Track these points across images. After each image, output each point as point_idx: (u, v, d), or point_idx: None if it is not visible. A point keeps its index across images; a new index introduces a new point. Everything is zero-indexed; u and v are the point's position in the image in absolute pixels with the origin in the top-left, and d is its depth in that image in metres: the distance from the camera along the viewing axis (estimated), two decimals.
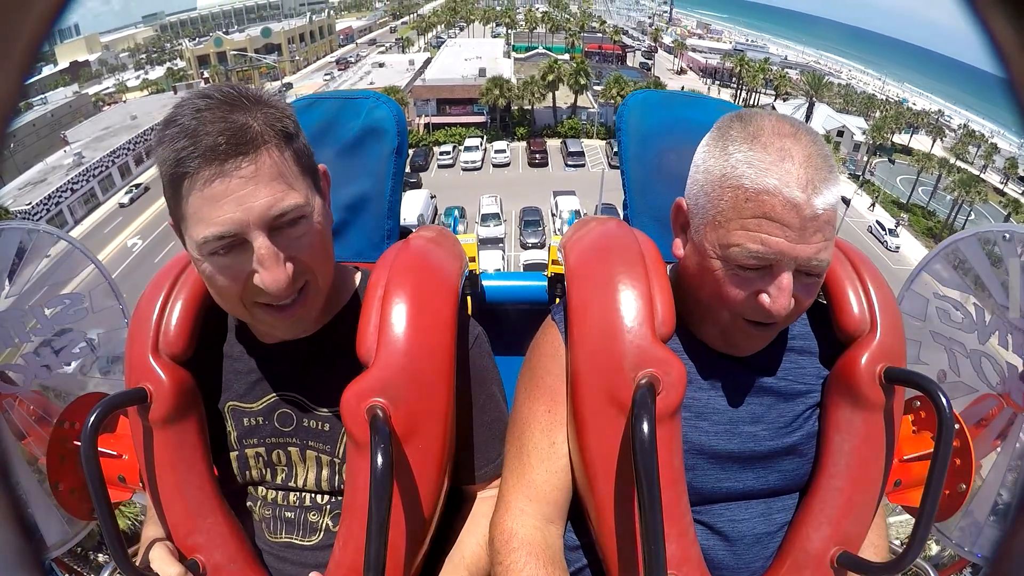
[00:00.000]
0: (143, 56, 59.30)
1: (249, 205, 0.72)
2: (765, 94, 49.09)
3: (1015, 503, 1.13)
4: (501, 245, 27.55)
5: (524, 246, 28.18)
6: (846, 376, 0.87)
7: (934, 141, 41.53)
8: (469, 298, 1.66)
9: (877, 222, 33.39)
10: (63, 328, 1.34)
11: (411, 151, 39.32)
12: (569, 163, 38.32)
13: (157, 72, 56.33)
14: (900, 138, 45.18)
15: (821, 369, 0.94)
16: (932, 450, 0.82)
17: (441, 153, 39.36)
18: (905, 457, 1.09)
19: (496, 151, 39.34)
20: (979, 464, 1.15)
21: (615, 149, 1.22)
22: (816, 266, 0.77)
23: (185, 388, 0.89)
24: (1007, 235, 1.23)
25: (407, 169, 1.34)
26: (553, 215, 30.65)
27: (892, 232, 32.36)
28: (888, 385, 0.86)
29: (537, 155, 38.78)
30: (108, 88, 51.65)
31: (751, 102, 50.21)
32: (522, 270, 24.55)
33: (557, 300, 1.69)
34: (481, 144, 40.09)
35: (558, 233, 28.77)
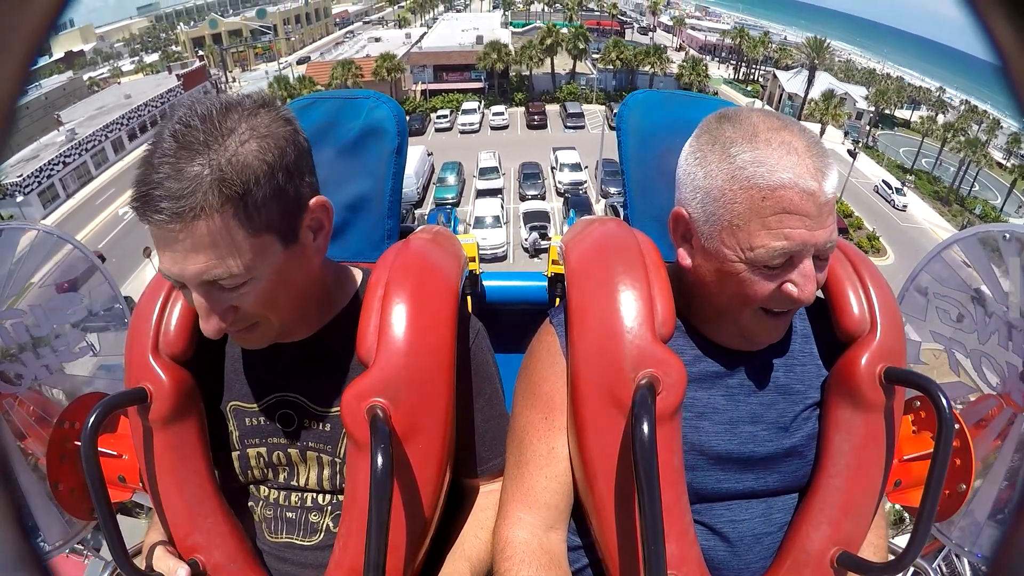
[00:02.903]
0: (138, 45, 58.56)
1: (183, 266, 0.73)
2: (763, 71, 48.59)
3: (1015, 503, 1.13)
4: (500, 195, 27.14)
5: (523, 198, 27.63)
6: (846, 376, 0.87)
7: (937, 114, 41.16)
8: (469, 298, 1.66)
9: (883, 181, 33.12)
10: (63, 328, 1.34)
11: (407, 116, 39.54)
12: (568, 124, 37.93)
13: (153, 57, 55.54)
14: (902, 113, 45.02)
15: (820, 368, 0.94)
16: (932, 450, 0.82)
17: (438, 117, 39.05)
18: (905, 457, 1.09)
19: (494, 113, 39.15)
20: (979, 464, 1.15)
21: (615, 111, 1.23)
22: (830, 248, 0.80)
23: (185, 388, 0.89)
24: (1007, 235, 1.23)
25: None
26: (553, 169, 30.26)
27: (899, 191, 32.09)
28: (888, 385, 0.86)
29: (536, 117, 38.51)
30: (103, 73, 51.04)
31: (751, 76, 50.08)
32: (522, 219, 24.31)
33: (557, 301, 1.69)
34: (479, 108, 39.87)
35: (558, 186, 28.58)
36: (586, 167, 29.56)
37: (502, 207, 25.54)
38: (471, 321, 1.04)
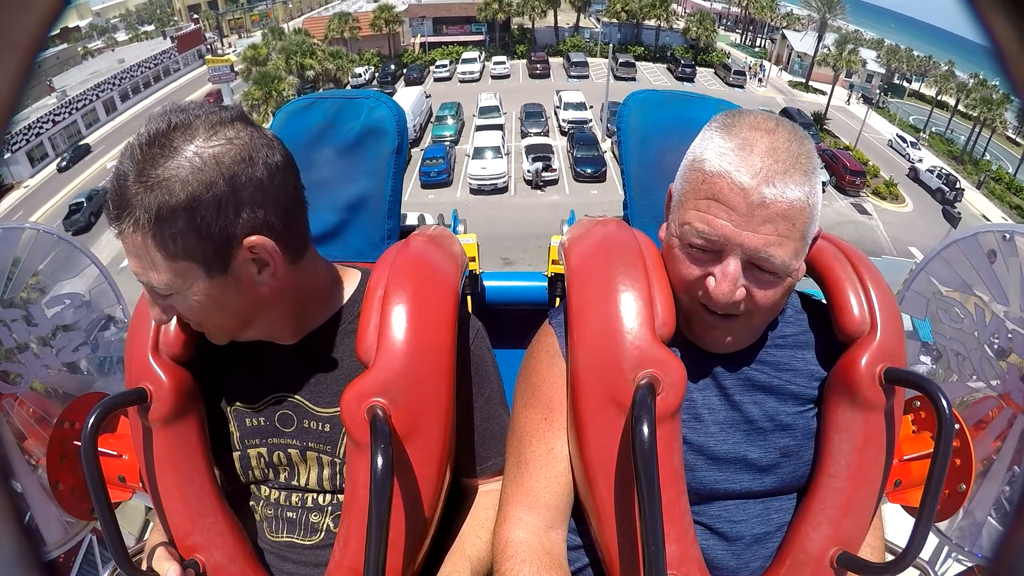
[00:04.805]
0: (134, 19, 58.10)
1: (128, 259, 0.78)
2: (770, 39, 48.26)
3: (1015, 503, 1.13)
4: (501, 130, 26.90)
5: (525, 135, 27.39)
6: (846, 377, 0.87)
7: (947, 80, 40.90)
8: (469, 298, 1.66)
9: (897, 135, 33.39)
10: (63, 327, 1.34)
11: (405, 68, 39.48)
12: (572, 74, 37.43)
13: (149, 27, 54.73)
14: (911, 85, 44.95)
15: (818, 368, 0.93)
16: (932, 450, 0.82)
17: (437, 67, 38.91)
18: (905, 457, 1.09)
19: (496, 62, 38.88)
20: (978, 465, 1.15)
21: (620, 61, 1.21)
22: (767, 260, 0.77)
23: (185, 388, 0.89)
24: (1007, 235, 1.23)
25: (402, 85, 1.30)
26: (557, 108, 29.95)
27: (914, 145, 32.24)
28: (888, 385, 0.85)
29: (539, 66, 38.15)
30: (98, 45, 50.31)
31: (759, 42, 49.73)
32: (524, 152, 24.07)
33: (557, 301, 1.69)
34: (479, 58, 39.63)
35: (562, 124, 28.00)
36: (591, 106, 29.16)
37: (503, 139, 25.31)
38: (471, 321, 1.04)
